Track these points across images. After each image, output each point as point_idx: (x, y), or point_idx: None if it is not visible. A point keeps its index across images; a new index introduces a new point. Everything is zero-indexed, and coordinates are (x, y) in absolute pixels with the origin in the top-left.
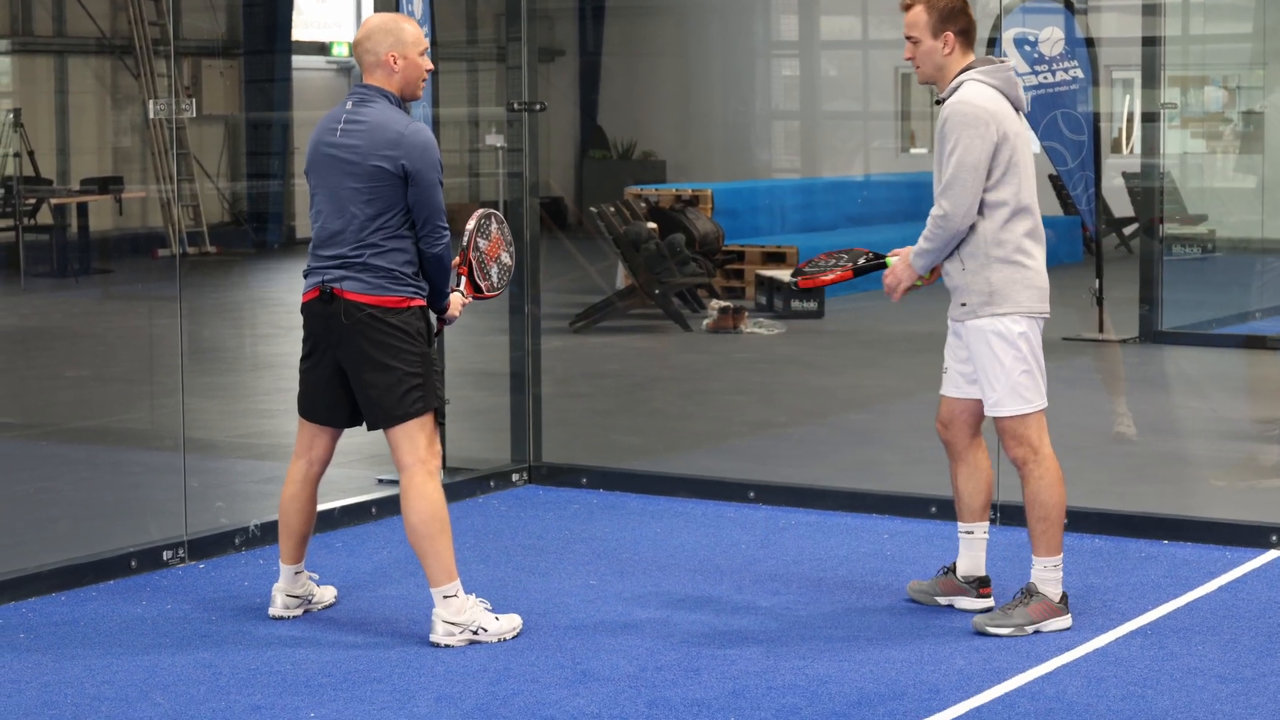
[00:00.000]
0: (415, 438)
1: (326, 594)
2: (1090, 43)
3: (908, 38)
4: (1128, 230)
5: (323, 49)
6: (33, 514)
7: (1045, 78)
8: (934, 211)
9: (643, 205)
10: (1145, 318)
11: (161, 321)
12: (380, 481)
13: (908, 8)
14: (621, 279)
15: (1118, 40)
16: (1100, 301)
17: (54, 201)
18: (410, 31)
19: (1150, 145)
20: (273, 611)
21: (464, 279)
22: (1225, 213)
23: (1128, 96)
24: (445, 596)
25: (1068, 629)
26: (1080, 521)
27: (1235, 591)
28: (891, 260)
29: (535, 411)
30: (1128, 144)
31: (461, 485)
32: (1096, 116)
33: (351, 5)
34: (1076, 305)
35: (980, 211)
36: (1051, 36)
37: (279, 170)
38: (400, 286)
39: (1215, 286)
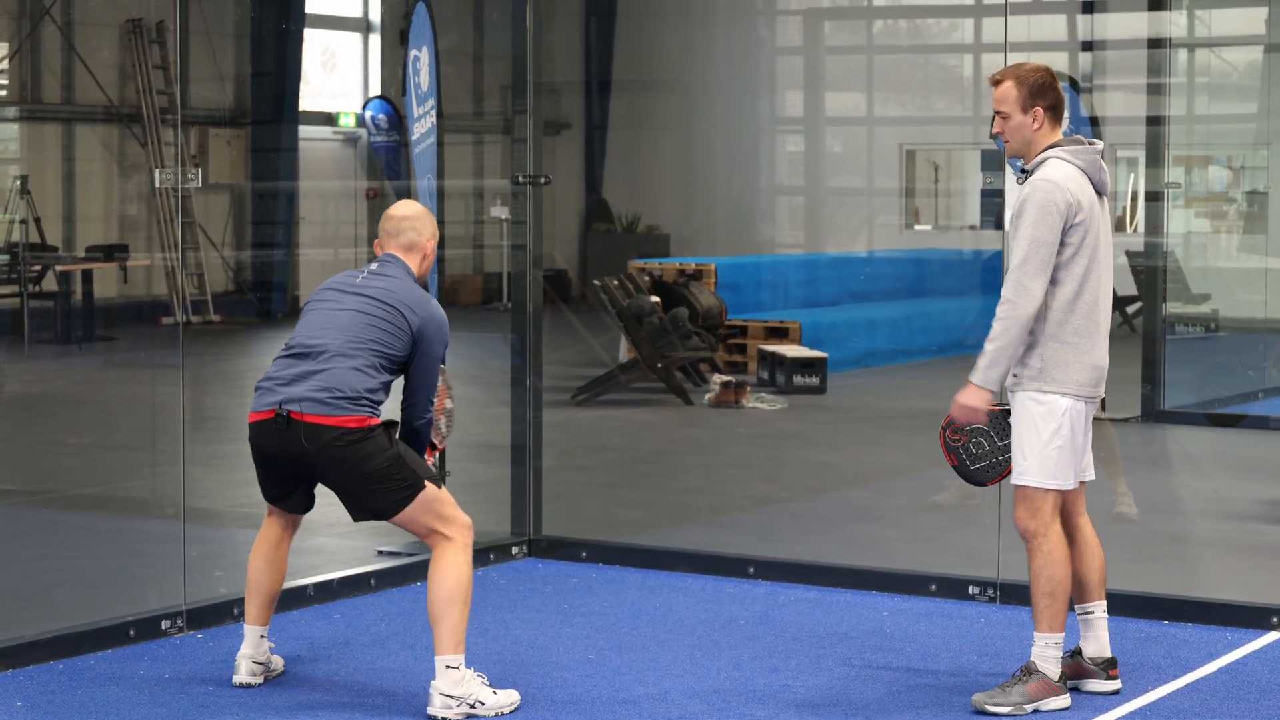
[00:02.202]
0: (422, 520)
1: (278, 662)
2: (1095, 121)
3: (997, 112)
4: (1131, 309)
5: (330, 119)
6: (32, 581)
7: None
8: (1005, 289)
9: (646, 279)
10: (1148, 397)
11: (164, 389)
12: (380, 553)
13: (997, 83)
14: (624, 352)
15: (1122, 119)
16: None
17: (59, 268)
18: (436, 228)
19: (1154, 224)
20: (237, 680)
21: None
22: (1229, 292)
23: (1132, 175)
24: (448, 666)
25: (1067, 708)
26: None
27: (1235, 673)
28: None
29: (536, 484)
30: (1131, 223)
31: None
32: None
33: (359, 76)
34: None
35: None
36: None
37: (284, 240)
38: (357, 407)
39: (1218, 366)
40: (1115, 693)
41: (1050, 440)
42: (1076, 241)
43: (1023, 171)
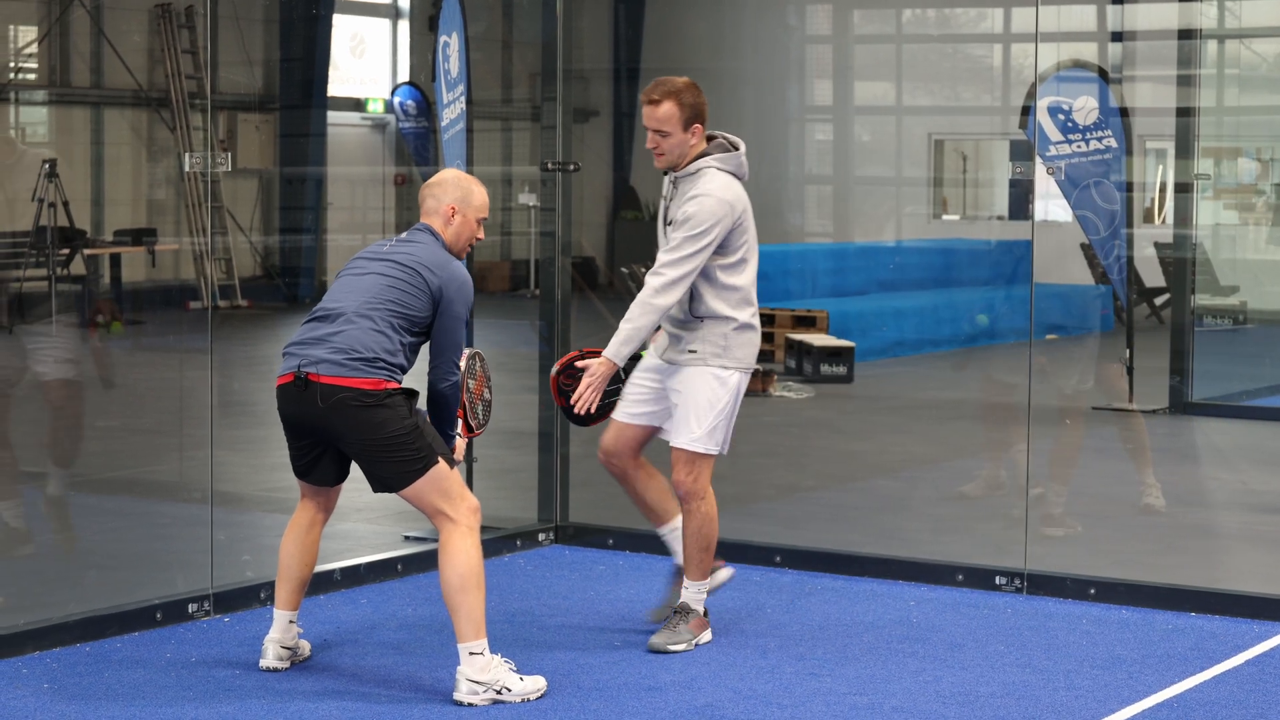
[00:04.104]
0: (428, 496)
1: (305, 647)
2: (1124, 113)
3: (658, 131)
4: (1159, 300)
5: (358, 105)
6: (60, 564)
7: (1079, 147)
8: (656, 282)
9: None
10: (1175, 389)
11: (192, 374)
12: (407, 538)
13: (656, 103)
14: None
15: (1152, 110)
16: (1130, 371)
17: (87, 252)
18: (478, 195)
19: (1183, 216)
20: (264, 664)
21: (460, 420)
22: (1257, 284)
23: (1161, 167)
24: (471, 653)
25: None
26: (1108, 593)
27: (1262, 665)
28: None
29: (563, 471)
30: (1160, 214)
31: (488, 544)
32: (1129, 186)
33: (388, 62)
34: (1106, 374)
35: (720, 280)
36: (1086, 106)
37: (312, 225)
38: (373, 369)
39: (1246, 358)
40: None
41: (721, 411)
42: (740, 238)
43: (667, 173)
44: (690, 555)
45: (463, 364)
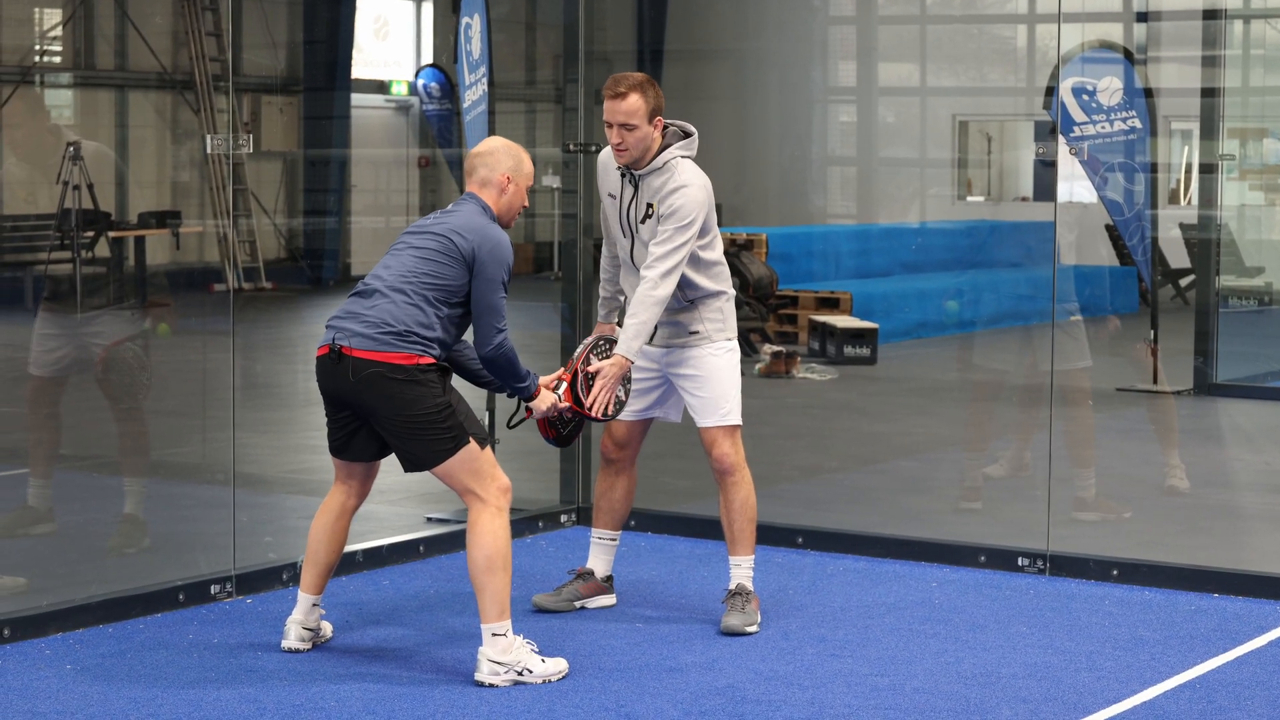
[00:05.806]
0: (459, 475)
1: (327, 628)
2: (1149, 93)
3: (624, 125)
4: (1183, 281)
5: (382, 87)
6: (82, 546)
7: (1103, 127)
8: (654, 274)
9: None
10: (1200, 370)
11: (215, 356)
12: (429, 520)
13: (622, 96)
14: None
15: (1177, 91)
16: (1155, 353)
17: (111, 234)
18: (528, 164)
19: (1208, 197)
20: (285, 645)
21: (565, 384)
22: None
23: (1186, 148)
24: (494, 634)
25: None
26: (1130, 574)
27: None
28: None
29: (584, 453)
30: (1185, 195)
31: (510, 525)
32: (1154, 167)
33: (411, 44)
34: (1130, 356)
35: (702, 258)
36: (1110, 86)
37: (336, 207)
38: (406, 344)
39: (1271, 339)
40: (735, 612)
41: (738, 382)
42: (713, 218)
43: (633, 173)
44: (741, 529)
45: (591, 339)
